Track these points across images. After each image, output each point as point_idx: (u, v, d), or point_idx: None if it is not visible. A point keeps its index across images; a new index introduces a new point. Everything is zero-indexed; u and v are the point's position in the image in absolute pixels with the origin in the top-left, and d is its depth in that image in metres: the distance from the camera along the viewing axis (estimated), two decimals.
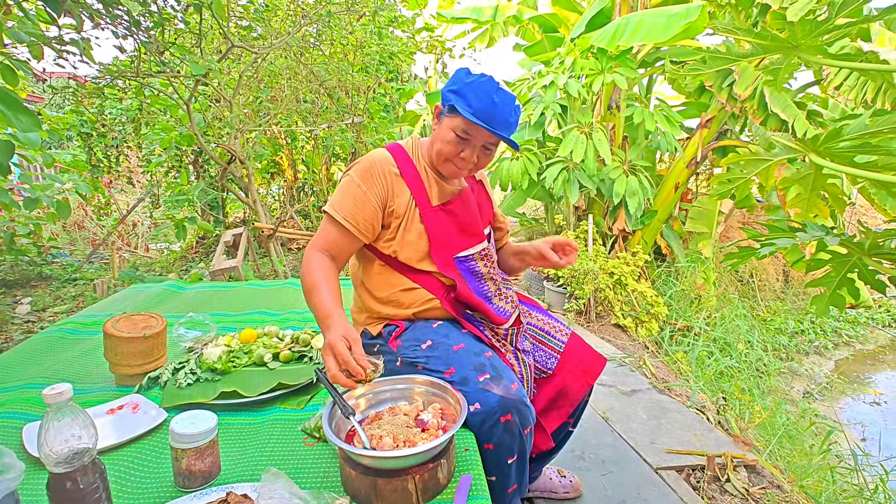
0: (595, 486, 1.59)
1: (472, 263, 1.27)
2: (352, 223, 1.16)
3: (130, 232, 5.85)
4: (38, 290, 4.13)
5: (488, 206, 1.38)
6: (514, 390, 1.03)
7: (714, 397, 2.41)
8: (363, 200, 1.17)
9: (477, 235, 1.28)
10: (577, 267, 3.33)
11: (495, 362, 1.10)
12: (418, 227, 1.21)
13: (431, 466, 0.87)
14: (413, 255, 1.22)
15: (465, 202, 1.27)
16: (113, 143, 5.02)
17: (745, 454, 1.80)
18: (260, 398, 1.19)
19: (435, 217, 1.22)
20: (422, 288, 1.23)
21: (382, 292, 1.24)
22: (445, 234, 1.23)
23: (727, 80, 3.48)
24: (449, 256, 1.24)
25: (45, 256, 4.56)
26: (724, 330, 3.51)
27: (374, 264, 1.26)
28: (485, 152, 1.18)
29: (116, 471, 0.95)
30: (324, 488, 0.91)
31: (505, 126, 1.13)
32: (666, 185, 4.02)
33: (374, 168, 1.19)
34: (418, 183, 1.22)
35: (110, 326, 1.28)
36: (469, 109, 1.11)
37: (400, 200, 1.21)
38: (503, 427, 1.01)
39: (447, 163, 1.19)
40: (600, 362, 1.34)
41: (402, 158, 1.23)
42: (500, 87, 1.12)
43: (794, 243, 1.44)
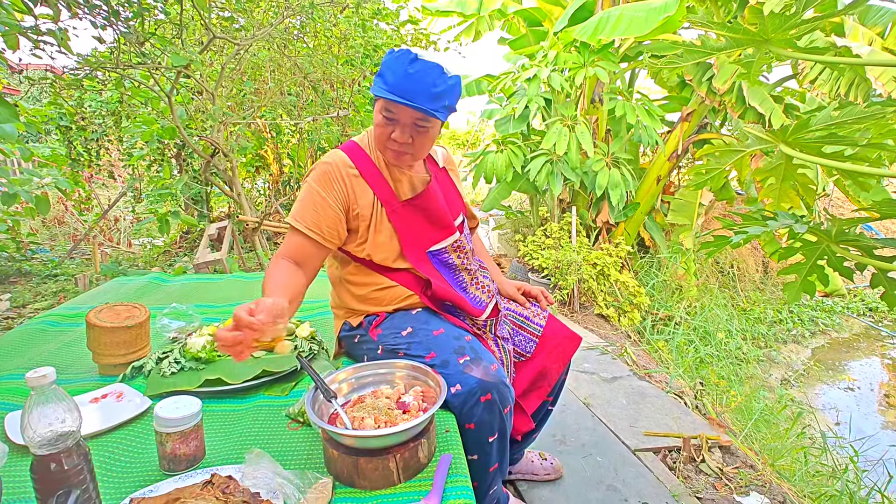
0: (575, 467, 1.64)
1: (446, 256, 1.27)
2: (315, 231, 1.13)
3: (112, 227, 5.76)
4: (18, 287, 4.06)
5: (457, 195, 1.35)
6: (493, 371, 1.06)
7: (692, 383, 2.48)
8: (324, 207, 1.14)
9: (448, 228, 1.26)
10: (560, 258, 3.38)
11: (475, 345, 1.13)
12: (387, 226, 1.19)
13: (412, 445, 0.89)
14: (388, 256, 1.21)
15: (432, 195, 1.24)
16: (93, 137, 4.94)
17: (720, 436, 1.86)
18: (244, 385, 1.20)
19: (403, 214, 1.20)
20: (399, 286, 1.24)
21: (361, 291, 1.26)
22: (415, 230, 1.22)
23: (706, 74, 3.55)
24: (421, 252, 1.24)
25: (24, 252, 4.48)
26: (703, 319, 3.60)
27: (349, 265, 1.26)
28: (418, 130, 1.12)
29: (102, 456, 0.96)
30: (307, 469, 0.93)
31: (428, 98, 1.06)
32: (648, 177, 4.09)
33: (331, 172, 1.16)
34: (380, 180, 1.19)
35: (93, 316, 1.28)
36: (385, 87, 1.07)
37: (363, 202, 1.18)
38: (483, 407, 1.04)
39: (385, 150, 1.16)
40: (575, 341, 1.38)
41: (360, 157, 1.20)
42: (418, 59, 1.05)
43: (764, 231, 1.49)
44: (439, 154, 1.35)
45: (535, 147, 3.79)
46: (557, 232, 3.69)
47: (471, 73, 4.67)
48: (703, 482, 1.63)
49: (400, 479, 0.89)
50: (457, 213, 1.31)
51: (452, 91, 1.10)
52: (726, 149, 1.83)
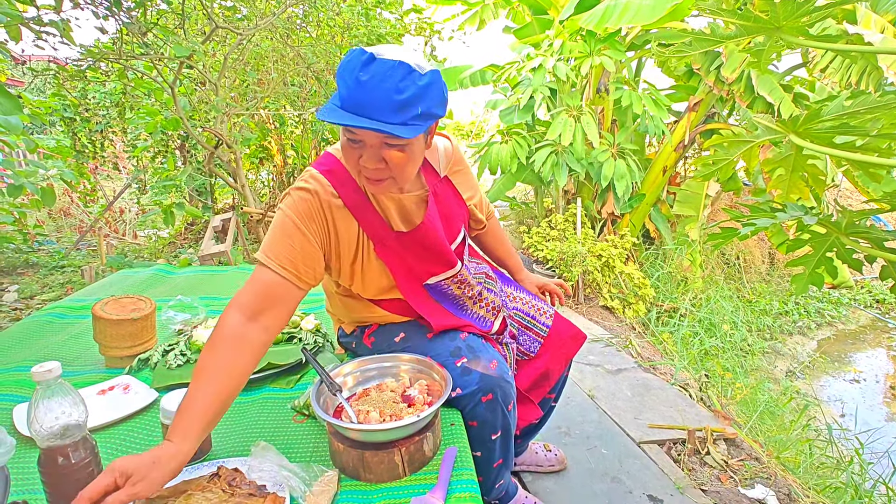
0: (580, 459, 1.64)
1: (445, 287, 1.14)
2: (290, 271, 0.92)
3: (118, 219, 5.79)
4: (25, 278, 4.08)
5: (458, 209, 1.14)
6: (493, 369, 1.03)
7: (697, 375, 2.47)
8: (302, 243, 0.95)
9: (447, 263, 1.10)
10: (565, 249, 3.37)
11: (471, 342, 1.09)
12: (376, 262, 1.04)
13: (417, 439, 0.89)
14: (378, 292, 1.11)
15: (429, 228, 1.05)
16: (97, 128, 4.93)
17: (725, 428, 1.86)
18: (250, 378, 1.20)
19: (395, 249, 1.03)
20: (392, 314, 1.16)
21: (355, 314, 1.20)
22: (409, 265, 1.07)
23: (715, 62, 3.50)
24: (417, 286, 1.10)
25: (31, 244, 4.51)
26: (709, 311, 3.58)
27: (341, 287, 1.15)
28: (389, 151, 0.87)
29: (109, 448, 0.97)
30: (313, 462, 0.93)
31: (388, 109, 0.81)
32: (654, 168, 4.05)
33: (312, 203, 0.96)
34: (367, 210, 1.00)
35: (99, 309, 1.29)
36: (337, 104, 0.84)
37: (347, 237, 1.00)
38: (486, 406, 1.02)
39: (360, 177, 0.94)
40: (579, 340, 1.34)
41: (343, 181, 0.99)
42: (374, 59, 0.81)
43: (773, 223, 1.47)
44: (441, 154, 1.12)
45: (540, 138, 3.75)
46: (562, 223, 3.67)
47: (475, 63, 4.62)
48: (708, 474, 1.63)
49: (405, 473, 0.89)
50: (456, 233, 1.13)
51: (426, 94, 0.84)
52: (735, 139, 1.81)
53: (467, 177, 1.19)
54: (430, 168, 1.09)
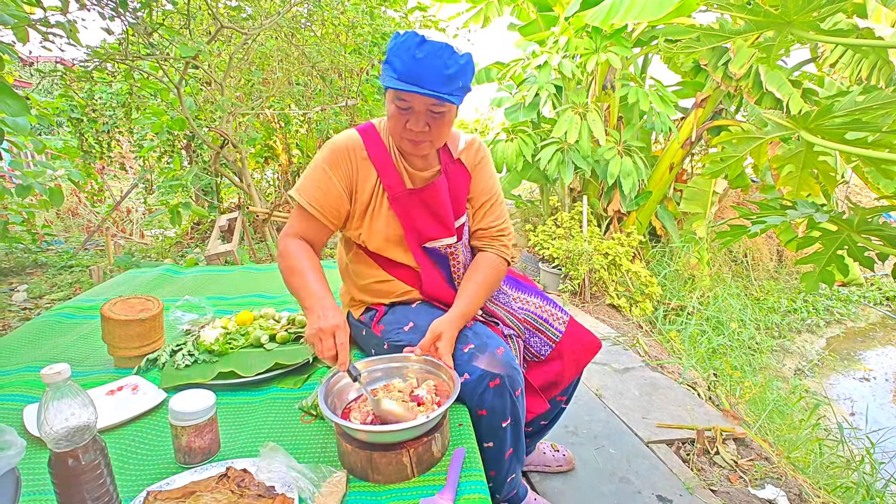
0: (588, 459, 1.64)
1: (442, 254, 1.25)
2: (317, 209, 1.13)
3: (125, 218, 5.82)
4: (34, 278, 4.12)
5: (463, 194, 1.25)
6: (500, 355, 1.05)
7: (705, 374, 2.45)
8: (327, 186, 1.13)
9: (447, 228, 1.21)
10: (571, 248, 3.35)
11: (478, 329, 1.12)
12: (386, 214, 1.17)
13: (426, 440, 0.89)
14: (383, 245, 1.19)
15: (438, 190, 1.19)
16: (104, 129, 4.96)
17: (735, 428, 1.85)
18: (257, 378, 1.21)
19: (405, 203, 1.17)
20: (397, 280, 1.23)
21: (361, 280, 1.26)
22: (415, 221, 1.19)
23: (722, 58, 3.46)
24: (417, 245, 1.21)
25: (39, 244, 4.54)
26: (716, 309, 3.55)
27: (352, 250, 1.25)
28: (434, 117, 1.06)
29: (118, 449, 0.97)
30: (321, 462, 0.93)
31: (440, 81, 1.00)
32: (660, 165, 4.02)
33: (341, 152, 1.14)
34: (388, 166, 1.16)
35: (107, 309, 1.29)
36: (394, 76, 1.02)
37: (366, 186, 1.16)
38: (494, 392, 1.03)
39: (401, 140, 1.11)
40: (593, 349, 1.33)
41: (373, 141, 1.17)
42: (425, 41, 0.99)
43: (784, 221, 1.46)
44: (461, 141, 1.26)
45: (546, 135, 3.74)
46: (568, 221, 3.65)
47: (480, 61, 4.61)
48: (718, 474, 1.62)
49: (414, 474, 0.88)
50: (459, 213, 1.24)
51: (465, 71, 1.04)
52: (744, 136, 1.78)
53: (485, 170, 1.28)
54: (445, 149, 1.24)
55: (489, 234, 1.28)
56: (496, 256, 1.28)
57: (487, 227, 1.28)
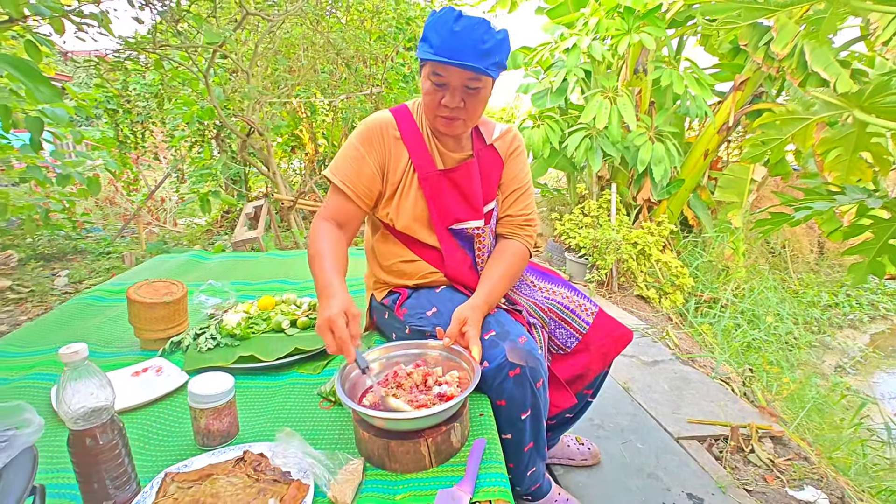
0: (613, 453, 1.58)
1: (468, 235, 1.23)
2: (350, 187, 1.13)
3: (159, 207, 5.99)
4: (75, 263, 4.28)
5: (495, 182, 1.25)
6: (521, 344, 1.01)
7: (740, 368, 2.35)
8: (360, 165, 1.14)
9: (475, 211, 1.20)
10: (599, 237, 3.26)
11: (500, 318, 1.09)
12: (415, 194, 1.17)
13: (444, 429, 0.86)
14: (410, 224, 1.19)
15: (470, 172, 1.19)
16: (138, 119, 5.10)
17: (772, 425, 1.76)
18: (277, 363, 1.20)
19: (435, 183, 1.17)
20: (422, 261, 1.22)
21: (386, 261, 1.25)
22: (444, 202, 1.18)
23: (764, 38, 3.28)
24: (443, 227, 1.20)
25: (79, 231, 4.72)
26: (752, 302, 3.41)
27: (378, 231, 1.25)
28: (469, 93, 1.06)
29: (140, 429, 0.98)
30: (338, 449, 0.92)
31: (476, 55, 1.00)
32: (694, 152, 3.86)
33: (374, 131, 1.15)
34: (420, 147, 1.16)
35: (133, 292, 1.31)
36: (431, 50, 1.02)
37: (398, 166, 1.16)
38: (513, 382, 0.99)
39: (436, 118, 1.11)
40: (623, 341, 1.27)
41: (406, 121, 1.18)
42: (462, 15, 1.00)
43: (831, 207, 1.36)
44: (496, 130, 1.25)
45: (574, 122, 3.63)
46: (596, 210, 3.55)
47: None
48: (753, 474, 1.54)
49: (432, 464, 0.86)
50: (489, 198, 1.24)
51: (501, 46, 1.03)
52: (788, 116, 1.67)
53: (518, 164, 1.27)
54: (478, 135, 1.23)
55: (516, 222, 1.27)
56: (521, 245, 1.26)
57: (516, 214, 1.27)
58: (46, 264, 4.29)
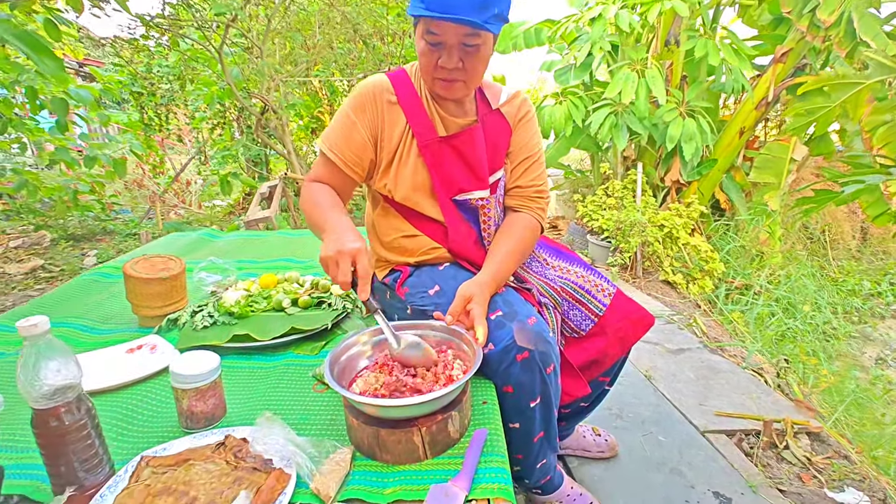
0: (633, 446, 1.48)
1: (472, 207, 1.14)
2: (338, 155, 1.06)
3: (185, 190, 6.08)
4: (103, 244, 4.37)
5: (503, 149, 1.15)
6: (530, 325, 0.92)
7: (774, 359, 2.20)
8: (351, 132, 1.06)
9: (480, 180, 1.11)
10: (623, 218, 3.10)
11: (508, 297, 1.01)
12: (415, 161, 1.09)
13: (440, 418, 0.78)
14: (410, 195, 1.10)
15: (473, 138, 1.09)
16: (162, 102, 5.15)
17: (809, 420, 1.62)
18: (273, 342, 1.14)
19: (436, 151, 1.08)
20: (424, 235, 1.13)
21: (386, 237, 1.17)
22: (446, 171, 1.09)
23: (808, 5, 3.02)
24: (447, 197, 1.11)
25: (108, 213, 4.82)
26: (789, 289, 3.21)
27: (378, 206, 1.17)
28: (467, 51, 0.96)
29: (125, 409, 0.94)
30: (328, 436, 0.85)
31: (472, 8, 0.90)
32: (729, 129, 3.62)
33: (366, 96, 1.06)
34: (419, 112, 1.07)
35: (129, 268, 1.27)
36: (422, 5, 0.92)
37: (393, 132, 1.07)
38: (521, 366, 0.91)
39: (434, 81, 1.02)
40: (644, 325, 1.16)
41: (403, 84, 1.08)
42: None
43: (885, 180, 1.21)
44: (503, 94, 1.16)
45: (598, 98, 3.45)
46: (620, 191, 3.39)
47: (530, 19, 4.31)
48: (787, 472, 1.42)
49: (426, 455, 0.78)
50: (495, 167, 1.14)
51: None
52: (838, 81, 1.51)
53: (528, 132, 1.17)
54: (483, 99, 1.14)
55: (526, 194, 1.17)
56: (532, 218, 1.16)
57: (526, 185, 1.17)
58: (77, 244, 4.40)
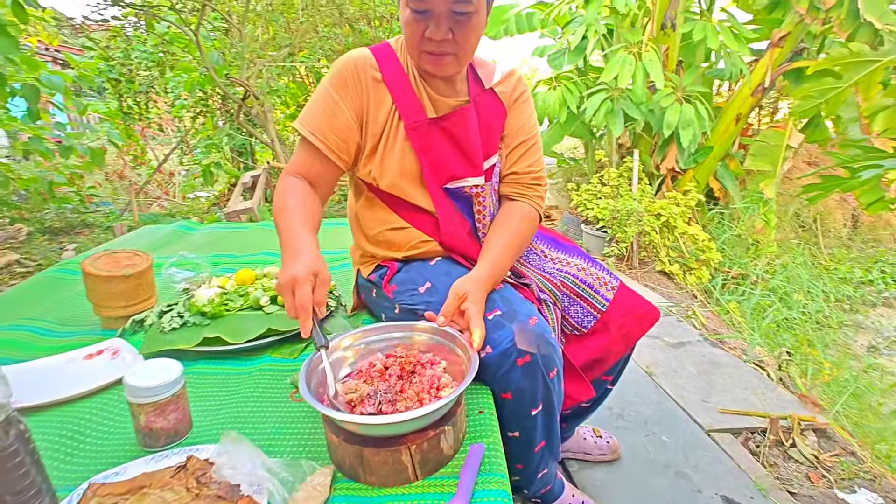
0: (636, 447, 1.41)
1: (465, 196, 1.05)
2: (321, 139, 0.95)
3: (168, 181, 5.90)
4: (82, 237, 4.23)
5: (497, 132, 1.06)
6: (532, 326, 0.83)
7: (776, 351, 2.14)
8: (334, 112, 0.96)
9: (474, 167, 1.02)
10: (619, 207, 3.03)
11: (506, 294, 0.91)
12: (402, 146, 0.99)
13: (432, 434, 0.69)
14: (397, 182, 1.00)
15: (465, 120, 1.00)
16: (141, 90, 4.98)
17: (815, 416, 1.56)
18: (248, 345, 1.04)
19: (425, 134, 0.98)
20: (412, 227, 1.03)
21: (372, 230, 1.07)
22: (435, 156, 1.00)
23: None
24: (437, 185, 1.02)
25: (86, 205, 4.66)
26: (785, 278, 3.17)
27: (362, 196, 1.07)
28: (458, 20, 0.87)
29: (76, 425, 0.83)
30: (306, 453, 0.76)
31: None
32: (725, 116, 3.55)
33: (349, 71, 0.96)
34: (405, 90, 0.98)
35: (88, 264, 1.15)
36: None
37: (379, 112, 0.98)
38: (522, 371, 0.82)
39: (420, 55, 0.92)
40: (649, 319, 1.08)
41: (388, 60, 0.98)
42: None
43: None
44: (497, 73, 1.07)
45: (593, 84, 3.35)
46: (616, 179, 3.30)
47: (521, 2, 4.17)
48: (795, 472, 1.36)
49: (417, 476, 0.69)
50: (490, 152, 1.05)
51: None
52: (852, 59, 1.42)
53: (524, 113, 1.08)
54: (475, 78, 1.05)
55: (523, 181, 1.08)
56: (530, 207, 1.07)
57: (523, 171, 1.08)
58: (54, 238, 4.25)
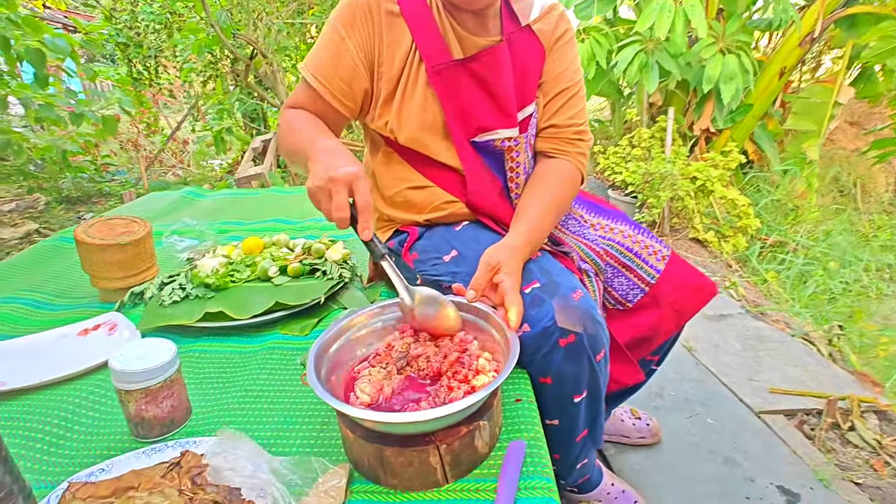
0: (677, 430, 1.30)
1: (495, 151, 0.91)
2: (323, 83, 0.84)
3: (182, 149, 5.85)
4: (99, 206, 4.25)
5: (533, 74, 0.91)
6: (576, 301, 0.71)
7: (826, 325, 1.98)
8: (340, 52, 0.83)
9: (507, 116, 0.88)
10: (652, 170, 2.83)
11: (545, 264, 0.79)
12: (423, 91, 0.85)
13: (465, 431, 0.58)
14: (418, 135, 0.87)
15: (497, 60, 0.85)
16: (150, 54, 4.86)
17: (877, 397, 1.43)
18: (255, 321, 0.94)
19: (450, 78, 0.85)
20: (436, 186, 0.90)
21: (390, 189, 0.94)
22: (462, 104, 0.86)
23: None
24: (464, 137, 0.88)
25: (102, 174, 4.64)
26: (828, 245, 2.97)
27: (379, 152, 0.95)
28: None
29: (64, 411, 0.74)
30: (319, 446, 0.66)
31: None
32: (768, 70, 3.26)
33: (360, 5, 0.83)
34: (428, 26, 0.84)
35: (81, 232, 1.06)
36: None
37: (395, 53, 0.84)
38: (565, 354, 0.71)
39: None
40: (704, 295, 0.95)
41: None
42: None
43: None
44: (535, 7, 0.91)
45: (624, 37, 3.09)
46: (647, 140, 3.09)
47: None
48: (855, 458, 1.24)
49: (447, 479, 0.58)
50: (525, 101, 0.91)
51: None
52: None
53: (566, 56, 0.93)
54: (510, 13, 0.90)
55: (564, 136, 0.93)
56: (572, 166, 0.93)
57: (563, 124, 0.93)
58: (72, 207, 4.27)
